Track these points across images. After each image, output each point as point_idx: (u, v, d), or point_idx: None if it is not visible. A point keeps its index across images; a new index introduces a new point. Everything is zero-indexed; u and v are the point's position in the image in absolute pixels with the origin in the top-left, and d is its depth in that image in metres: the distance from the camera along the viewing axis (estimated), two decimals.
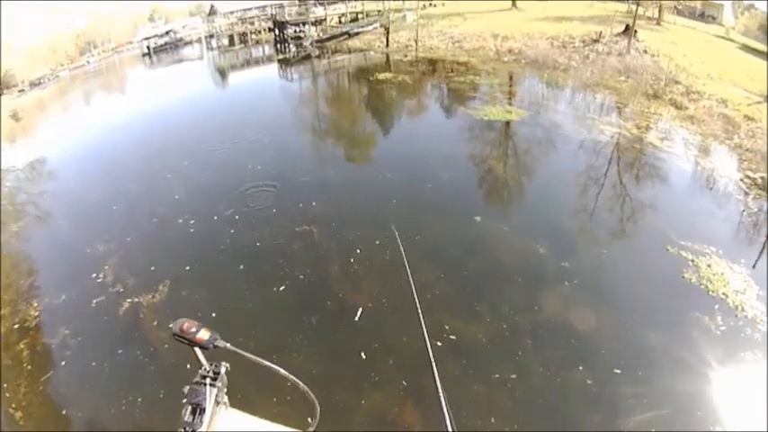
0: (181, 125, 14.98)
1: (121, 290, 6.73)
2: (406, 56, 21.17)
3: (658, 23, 17.89)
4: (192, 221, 8.45)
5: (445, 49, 21.11)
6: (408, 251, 2.26)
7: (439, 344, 5.04)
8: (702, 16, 19.87)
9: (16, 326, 6.47)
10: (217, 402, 1.21)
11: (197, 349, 1.23)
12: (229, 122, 14.15)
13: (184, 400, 1.19)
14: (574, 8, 22.32)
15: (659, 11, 18.14)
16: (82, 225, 9.15)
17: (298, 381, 1.24)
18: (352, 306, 5.85)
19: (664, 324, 5.31)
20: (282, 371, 1.23)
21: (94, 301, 6.60)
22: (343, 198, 8.76)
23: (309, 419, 1.26)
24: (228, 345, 1.22)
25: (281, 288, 6.44)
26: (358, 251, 6.98)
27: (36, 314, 6.57)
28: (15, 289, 7.49)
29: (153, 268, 7.03)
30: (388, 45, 23.41)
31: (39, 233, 9.44)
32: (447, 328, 5.28)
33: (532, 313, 5.52)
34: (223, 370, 1.26)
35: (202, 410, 1.16)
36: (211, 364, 1.26)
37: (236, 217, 8.41)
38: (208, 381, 1.22)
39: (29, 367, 5.62)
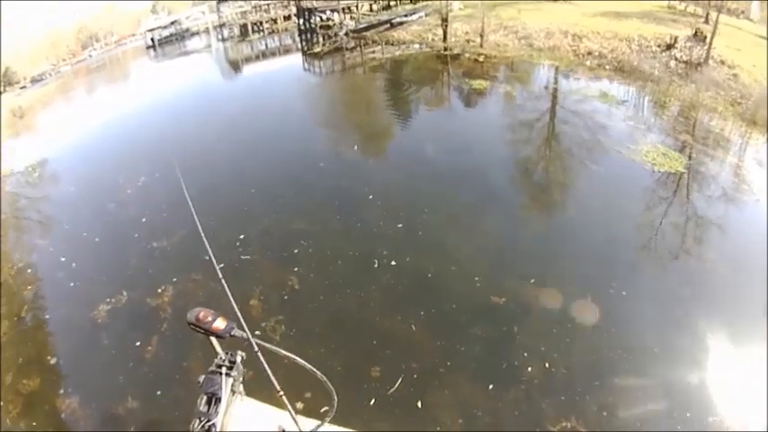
0: (203, 137, 14.81)
1: None
2: (478, 55, 20.79)
3: (707, 22, 20.34)
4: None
5: (514, 47, 21.08)
6: None
7: None
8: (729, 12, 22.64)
9: None
10: (233, 392, 1.22)
11: (213, 339, 1.24)
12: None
13: (200, 389, 1.18)
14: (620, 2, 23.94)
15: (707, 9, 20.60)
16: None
17: (316, 370, 1.25)
18: None
19: None
20: (301, 360, 1.24)
21: None
22: None
23: (327, 409, 1.26)
24: (245, 334, 1.22)
25: None
26: None
27: None
28: None
29: None
30: (445, 39, 22.75)
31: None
32: None
33: None
34: (239, 359, 1.28)
35: (218, 400, 1.16)
36: (227, 353, 1.28)
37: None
38: (224, 370, 1.23)
39: None
